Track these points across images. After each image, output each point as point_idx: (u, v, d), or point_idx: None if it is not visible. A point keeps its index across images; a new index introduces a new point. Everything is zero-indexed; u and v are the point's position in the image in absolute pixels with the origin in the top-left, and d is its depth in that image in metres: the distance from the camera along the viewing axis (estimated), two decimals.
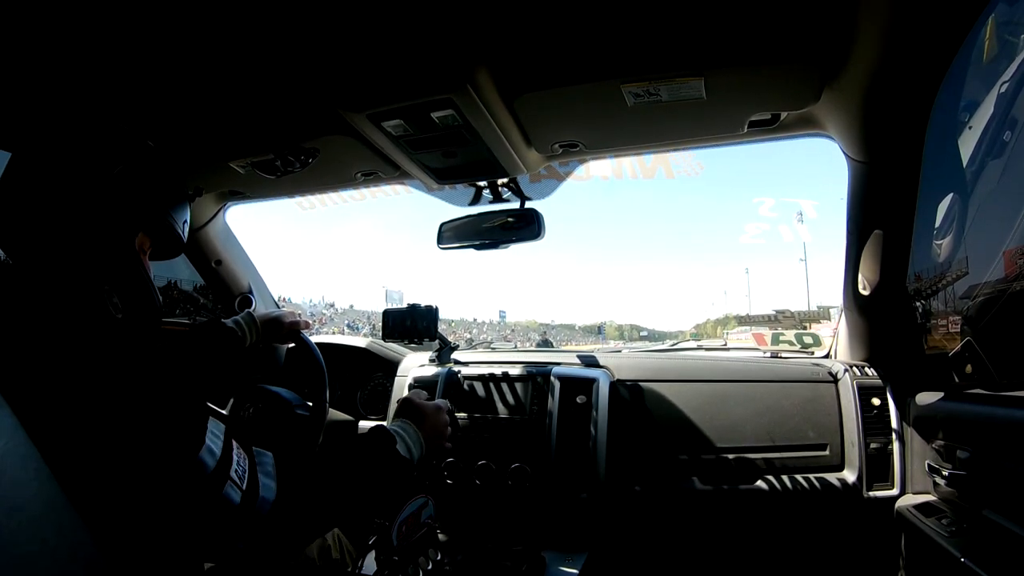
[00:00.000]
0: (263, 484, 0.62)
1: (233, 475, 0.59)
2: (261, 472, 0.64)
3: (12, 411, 0.50)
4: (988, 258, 1.11)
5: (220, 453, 0.59)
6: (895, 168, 1.06)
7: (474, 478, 1.37)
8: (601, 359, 1.53)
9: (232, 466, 0.60)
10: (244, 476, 0.60)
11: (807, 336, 2.38)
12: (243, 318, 1.11)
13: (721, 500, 1.30)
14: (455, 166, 1.28)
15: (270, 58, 0.96)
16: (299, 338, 1.26)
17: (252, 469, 0.63)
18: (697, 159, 1.50)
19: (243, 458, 0.62)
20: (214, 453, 0.58)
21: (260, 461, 0.65)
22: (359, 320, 42.95)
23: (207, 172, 1.41)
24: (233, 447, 0.62)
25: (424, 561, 1.10)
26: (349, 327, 35.21)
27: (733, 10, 0.82)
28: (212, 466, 0.57)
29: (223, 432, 0.62)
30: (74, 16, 0.83)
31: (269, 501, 0.62)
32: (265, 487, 0.63)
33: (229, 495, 0.58)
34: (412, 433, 0.87)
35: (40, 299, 0.60)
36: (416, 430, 0.88)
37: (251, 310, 1.17)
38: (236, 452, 0.62)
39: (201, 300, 9.28)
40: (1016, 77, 1.02)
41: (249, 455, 0.64)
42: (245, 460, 0.62)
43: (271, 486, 0.63)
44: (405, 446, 0.84)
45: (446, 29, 0.87)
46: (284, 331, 1.19)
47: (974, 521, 0.98)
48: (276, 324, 1.17)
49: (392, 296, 53.89)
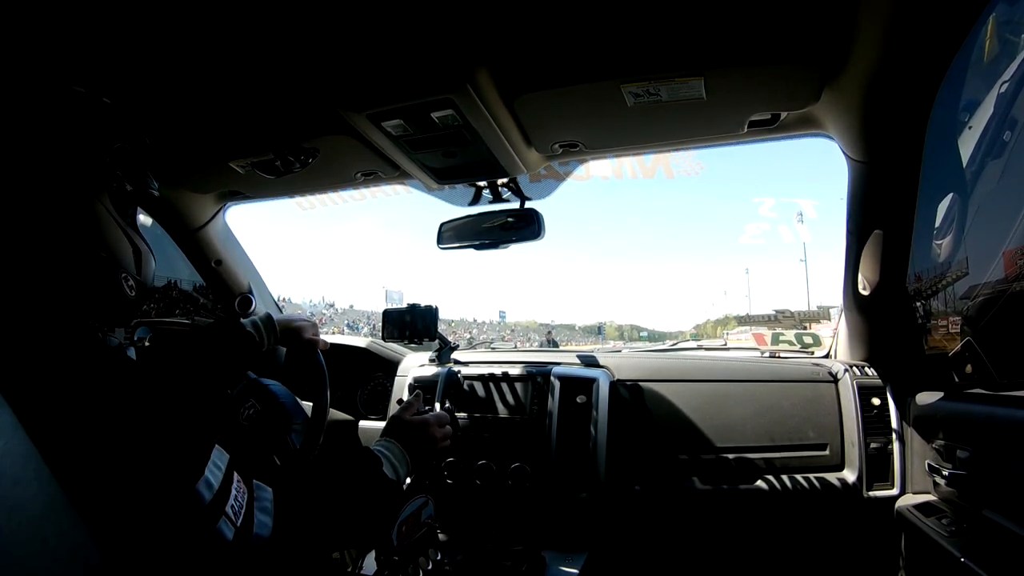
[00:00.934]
0: (258, 521, 0.62)
1: (229, 510, 0.58)
2: (258, 508, 0.63)
3: (12, 411, 0.50)
4: (988, 258, 1.11)
5: (218, 487, 0.58)
6: (895, 168, 1.06)
7: (474, 478, 1.37)
8: (601, 359, 1.53)
9: (229, 500, 0.59)
10: (240, 512, 0.60)
11: (807, 336, 2.39)
12: (262, 321, 1.06)
13: (721, 500, 1.30)
14: (455, 166, 1.28)
15: (270, 58, 0.96)
16: (313, 358, 1.18)
17: (250, 505, 0.62)
18: (697, 159, 1.50)
19: (242, 492, 0.62)
20: (212, 486, 0.58)
21: (259, 496, 0.64)
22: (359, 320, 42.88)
23: (207, 172, 1.41)
24: (234, 480, 0.61)
25: (424, 561, 1.10)
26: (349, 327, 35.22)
27: (733, 10, 0.82)
28: (208, 499, 0.57)
29: (226, 464, 0.61)
30: (75, 16, 0.83)
31: (263, 538, 0.61)
32: (260, 524, 0.62)
33: (222, 531, 0.57)
34: (397, 452, 0.88)
35: (40, 297, 0.60)
36: (401, 449, 0.89)
37: (270, 313, 1.12)
38: (236, 486, 0.61)
39: (201, 300, 9.28)
40: (1016, 77, 1.02)
41: (249, 489, 0.63)
42: (244, 495, 0.62)
43: (267, 523, 0.63)
44: (391, 467, 0.85)
45: (446, 29, 0.87)
46: (302, 344, 1.14)
47: (974, 521, 0.98)
48: (295, 335, 1.12)
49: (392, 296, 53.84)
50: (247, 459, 0.66)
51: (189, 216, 1.59)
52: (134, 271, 0.71)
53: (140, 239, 0.74)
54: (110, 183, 0.69)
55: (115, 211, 0.69)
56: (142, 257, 0.73)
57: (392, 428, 0.94)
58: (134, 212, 0.75)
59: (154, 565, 0.56)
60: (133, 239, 0.72)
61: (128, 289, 0.69)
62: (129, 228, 0.72)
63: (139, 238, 0.74)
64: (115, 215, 0.69)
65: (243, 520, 0.60)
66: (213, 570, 0.58)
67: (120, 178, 0.71)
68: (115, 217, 0.69)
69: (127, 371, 0.59)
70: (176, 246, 1.65)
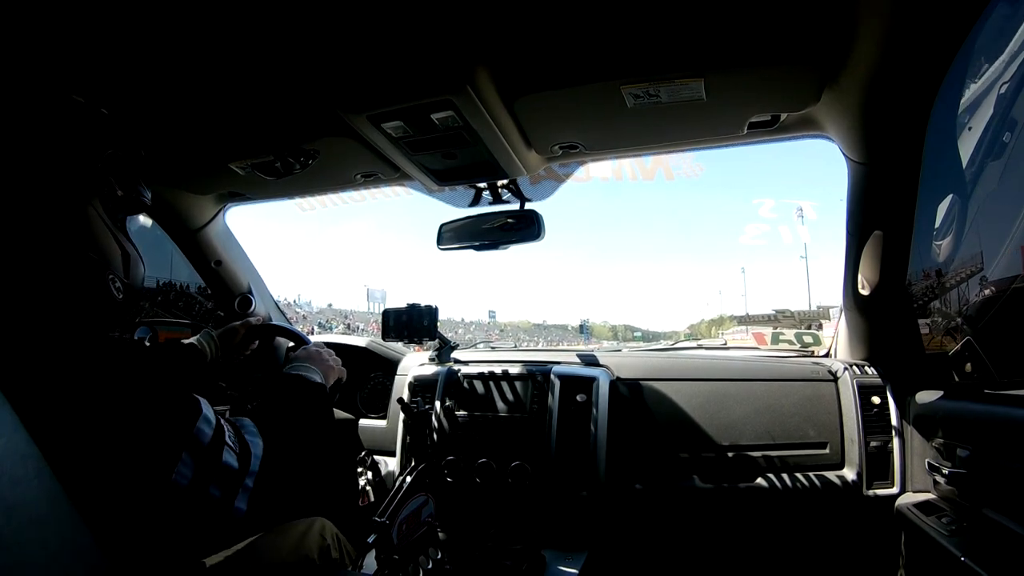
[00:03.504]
0: (252, 442, 0.69)
1: (228, 440, 0.65)
2: (247, 432, 0.70)
3: (12, 408, 0.51)
4: (988, 258, 1.11)
5: (215, 421, 0.65)
6: (895, 169, 1.06)
7: (474, 476, 1.38)
8: (601, 358, 1.53)
9: (226, 433, 0.66)
10: (235, 442, 0.67)
11: (807, 335, 2.39)
12: (202, 335, 1.14)
13: (721, 498, 1.31)
14: (455, 167, 1.28)
15: (270, 60, 0.96)
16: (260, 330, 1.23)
17: (239, 432, 0.69)
18: (697, 160, 1.50)
19: (229, 426, 0.69)
20: (210, 421, 0.64)
21: (242, 424, 0.72)
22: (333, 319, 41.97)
23: (207, 173, 1.42)
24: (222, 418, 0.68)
25: (424, 560, 1.10)
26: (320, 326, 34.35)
27: (733, 11, 0.82)
28: (210, 435, 0.63)
29: (212, 409, 0.67)
30: (75, 16, 0.83)
31: (259, 457, 0.68)
32: (254, 444, 0.69)
33: (228, 461, 0.64)
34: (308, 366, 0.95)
35: (39, 295, 0.61)
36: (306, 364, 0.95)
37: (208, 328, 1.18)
38: (224, 423, 0.68)
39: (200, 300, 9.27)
40: (1016, 77, 1.02)
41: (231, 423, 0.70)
42: (231, 427, 0.69)
43: (258, 442, 0.70)
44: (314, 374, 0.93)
45: (446, 30, 0.87)
46: (240, 335, 1.19)
47: (974, 520, 0.98)
48: (230, 333, 1.17)
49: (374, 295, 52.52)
50: None
51: (189, 217, 1.60)
52: (122, 274, 0.73)
53: (130, 244, 0.76)
54: (102, 188, 0.72)
55: (106, 215, 0.72)
56: (130, 261, 0.75)
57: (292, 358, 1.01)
58: (124, 218, 0.77)
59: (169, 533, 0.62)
60: (122, 243, 0.74)
61: (115, 291, 0.71)
62: (119, 232, 0.74)
63: (128, 243, 0.76)
64: (105, 219, 0.72)
65: (240, 446, 0.67)
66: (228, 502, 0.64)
67: (112, 184, 0.73)
68: (105, 221, 0.71)
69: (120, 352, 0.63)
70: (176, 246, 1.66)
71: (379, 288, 59.87)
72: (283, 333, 1.26)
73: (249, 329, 1.22)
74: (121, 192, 0.75)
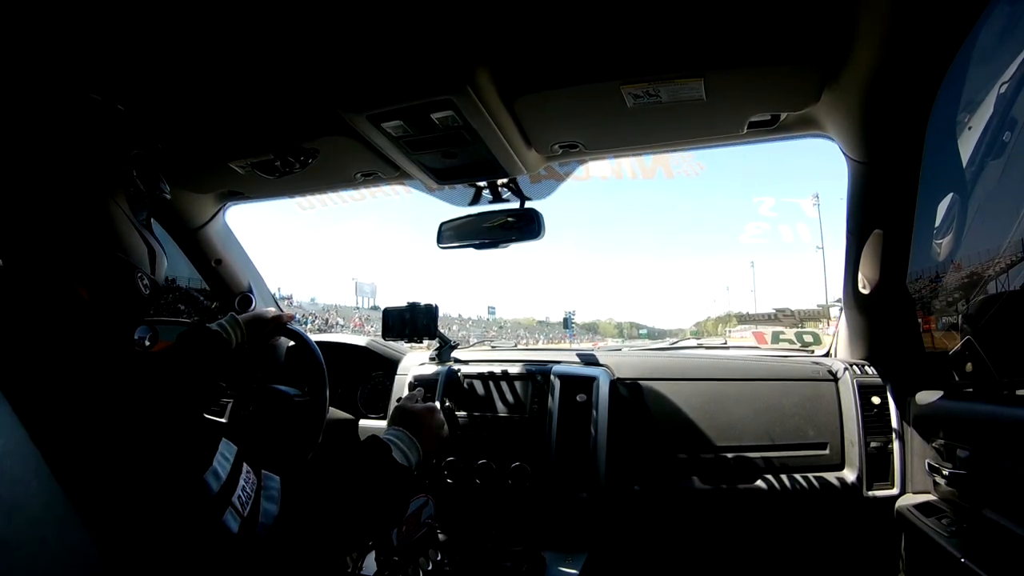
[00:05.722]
0: (264, 510, 0.62)
1: (236, 500, 0.59)
2: (265, 497, 0.63)
3: (12, 409, 0.50)
4: (988, 258, 1.11)
5: (226, 477, 0.59)
6: (895, 168, 1.06)
7: (474, 477, 1.37)
8: (601, 358, 1.53)
9: (236, 491, 0.59)
10: (248, 503, 0.60)
11: (807, 335, 2.39)
12: (227, 320, 1.10)
13: (721, 499, 1.31)
14: (455, 166, 1.28)
15: (270, 59, 0.96)
16: (287, 331, 1.26)
17: (257, 494, 0.62)
18: (697, 159, 1.50)
19: (251, 483, 0.62)
20: (219, 476, 0.58)
21: (266, 485, 0.64)
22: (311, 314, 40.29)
23: (207, 172, 1.42)
24: (243, 470, 0.61)
25: (424, 561, 1.10)
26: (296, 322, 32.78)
27: (733, 11, 0.82)
28: (216, 489, 0.57)
29: (234, 455, 0.61)
30: (75, 16, 0.83)
31: (267, 526, 0.61)
32: (265, 513, 0.62)
33: (227, 523, 0.57)
34: (406, 439, 0.87)
35: (39, 294, 0.60)
36: (410, 436, 0.88)
37: (234, 312, 1.17)
38: (244, 476, 0.61)
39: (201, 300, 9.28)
40: (1016, 77, 1.02)
41: (258, 478, 0.63)
42: (253, 485, 0.62)
43: (272, 511, 0.62)
44: (401, 453, 0.84)
45: (446, 30, 0.87)
46: (268, 327, 1.19)
47: (974, 521, 0.98)
48: (259, 322, 1.16)
49: (363, 289, 49.32)
50: (255, 450, 0.66)
51: (189, 216, 1.60)
52: (148, 270, 0.73)
53: (154, 239, 0.76)
54: (127, 186, 0.72)
55: (131, 213, 0.72)
56: (156, 257, 0.76)
57: (398, 417, 0.93)
58: (148, 214, 0.78)
59: (157, 559, 0.56)
60: (148, 239, 0.74)
61: (143, 288, 0.72)
62: (144, 229, 0.74)
63: (153, 238, 0.76)
64: (131, 217, 0.72)
65: (250, 510, 0.60)
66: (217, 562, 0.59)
67: (136, 181, 0.73)
68: (131, 218, 0.72)
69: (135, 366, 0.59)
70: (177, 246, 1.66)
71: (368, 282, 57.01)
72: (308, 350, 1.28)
73: (278, 325, 1.21)
74: (144, 188, 0.75)
